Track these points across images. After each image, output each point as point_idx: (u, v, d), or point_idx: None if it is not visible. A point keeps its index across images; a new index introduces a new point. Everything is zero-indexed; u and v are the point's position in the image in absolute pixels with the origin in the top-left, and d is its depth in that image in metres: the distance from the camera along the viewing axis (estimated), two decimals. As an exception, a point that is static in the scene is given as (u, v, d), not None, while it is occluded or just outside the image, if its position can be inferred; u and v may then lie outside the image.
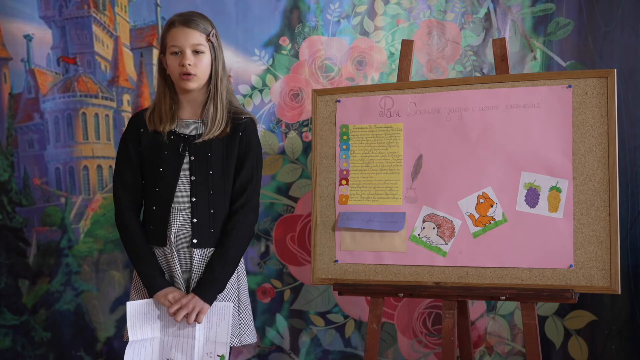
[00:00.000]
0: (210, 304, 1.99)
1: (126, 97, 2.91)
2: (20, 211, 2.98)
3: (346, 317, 2.76)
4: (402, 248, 2.20)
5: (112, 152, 2.91)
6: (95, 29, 2.91)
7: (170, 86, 2.09)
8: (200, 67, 2.02)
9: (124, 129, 2.87)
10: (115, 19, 2.89)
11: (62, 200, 2.94)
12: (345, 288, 2.24)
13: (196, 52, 2.02)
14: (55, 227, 2.95)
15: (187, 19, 2.03)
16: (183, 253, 2.03)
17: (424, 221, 2.18)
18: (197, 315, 1.97)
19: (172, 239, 2.02)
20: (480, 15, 2.62)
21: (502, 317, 2.63)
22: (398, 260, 2.20)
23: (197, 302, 1.97)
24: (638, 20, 2.49)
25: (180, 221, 2.03)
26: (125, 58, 2.90)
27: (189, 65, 2.00)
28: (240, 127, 2.08)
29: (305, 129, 2.75)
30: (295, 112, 2.75)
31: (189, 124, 2.09)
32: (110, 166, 2.91)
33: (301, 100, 2.75)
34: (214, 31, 2.06)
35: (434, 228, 2.17)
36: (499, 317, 2.63)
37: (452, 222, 2.15)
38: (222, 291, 2.03)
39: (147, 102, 2.88)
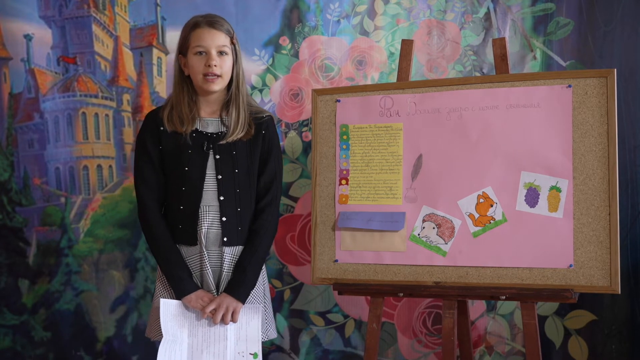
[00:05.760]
0: (244, 302, 2.03)
1: (126, 97, 2.91)
2: (20, 211, 2.98)
3: (346, 316, 2.76)
4: (402, 248, 2.20)
5: (112, 151, 2.91)
6: (95, 28, 2.91)
7: (188, 86, 2.09)
8: (224, 69, 2.04)
9: (122, 128, 2.90)
10: (115, 18, 2.89)
11: (62, 200, 2.94)
12: (345, 288, 2.24)
13: (221, 53, 2.03)
14: (55, 226, 2.95)
15: (213, 20, 2.05)
16: (213, 251, 2.05)
17: (423, 221, 2.18)
18: (232, 314, 2.01)
19: (203, 238, 2.03)
20: (480, 15, 2.62)
21: (502, 317, 2.63)
22: (398, 260, 2.20)
23: (231, 301, 2.01)
24: (638, 20, 2.49)
25: (209, 220, 2.04)
26: (125, 58, 2.90)
27: (215, 65, 2.01)
28: (262, 125, 2.12)
29: (305, 128, 2.75)
30: (295, 111, 2.75)
31: (210, 122, 2.10)
32: (111, 166, 2.91)
33: (301, 100, 2.75)
34: (235, 34, 2.08)
35: (433, 228, 2.17)
36: (499, 316, 2.63)
37: (452, 221, 2.15)
38: (252, 289, 2.06)
39: (147, 102, 2.88)
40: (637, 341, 2.50)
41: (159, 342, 1.99)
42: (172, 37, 2.84)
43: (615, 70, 2.02)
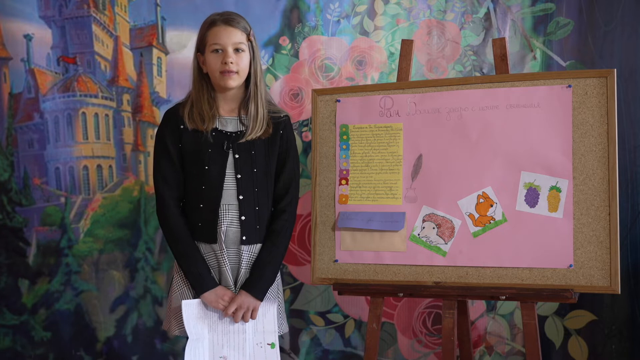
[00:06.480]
0: (262, 300, 2.07)
1: (126, 97, 2.91)
2: (20, 211, 2.98)
3: (346, 316, 2.76)
4: (402, 248, 2.20)
5: (112, 151, 2.91)
6: (95, 28, 2.91)
7: (207, 84, 2.11)
8: (241, 65, 2.06)
9: (122, 128, 2.89)
10: (115, 18, 2.89)
11: (62, 200, 2.94)
12: (345, 288, 2.24)
13: (237, 50, 2.05)
14: (55, 226, 2.95)
15: (229, 18, 2.06)
16: (232, 249, 2.08)
17: (423, 221, 2.18)
18: (251, 312, 2.06)
19: (222, 236, 2.05)
20: (480, 15, 2.62)
21: (502, 317, 2.63)
22: (398, 260, 2.20)
23: (250, 300, 2.05)
24: (638, 20, 2.49)
25: (229, 219, 2.06)
26: (125, 58, 2.90)
27: (231, 63, 2.03)
28: (280, 125, 2.14)
29: (305, 128, 2.75)
30: (295, 111, 2.75)
31: (229, 120, 2.11)
32: (111, 166, 2.91)
33: (301, 100, 2.75)
34: (252, 31, 2.10)
35: (433, 228, 2.17)
36: (499, 317, 2.63)
37: (452, 221, 2.15)
38: (270, 286, 2.10)
39: (147, 102, 2.88)
40: (637, 341, 2.50)
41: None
42: (172, 37, 2.84)
43: (615, 70, 2.01)
